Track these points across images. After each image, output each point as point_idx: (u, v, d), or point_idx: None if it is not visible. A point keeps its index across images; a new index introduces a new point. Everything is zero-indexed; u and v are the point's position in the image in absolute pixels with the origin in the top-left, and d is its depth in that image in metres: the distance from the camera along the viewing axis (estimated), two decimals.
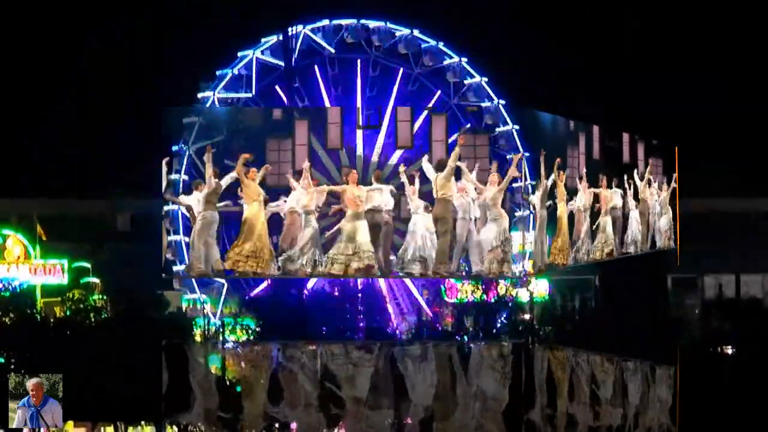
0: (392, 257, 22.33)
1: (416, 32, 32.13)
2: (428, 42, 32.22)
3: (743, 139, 39.77)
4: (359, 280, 30.77)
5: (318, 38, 32.16)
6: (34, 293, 33.90)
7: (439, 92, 32.65)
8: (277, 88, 32.50)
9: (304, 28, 31.90)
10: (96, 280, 35.06)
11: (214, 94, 31.33)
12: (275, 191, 23.47)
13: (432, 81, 32.67)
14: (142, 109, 36.65)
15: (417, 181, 21.66)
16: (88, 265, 35.87)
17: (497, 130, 31.90)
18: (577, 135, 27.50)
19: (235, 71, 31.69)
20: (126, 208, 41.50)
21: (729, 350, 25.83)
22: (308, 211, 21.74)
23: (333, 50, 32.24)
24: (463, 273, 24.19)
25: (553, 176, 23.21)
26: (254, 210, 21.03)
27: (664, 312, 31.89)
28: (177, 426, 13.68)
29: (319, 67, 32.67)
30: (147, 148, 33.97)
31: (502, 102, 31.51)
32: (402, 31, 32.12)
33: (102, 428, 13.74)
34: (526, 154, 31.26)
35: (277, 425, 13.99)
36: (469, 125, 31.72)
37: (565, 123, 27.37)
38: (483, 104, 31.67)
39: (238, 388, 16.92)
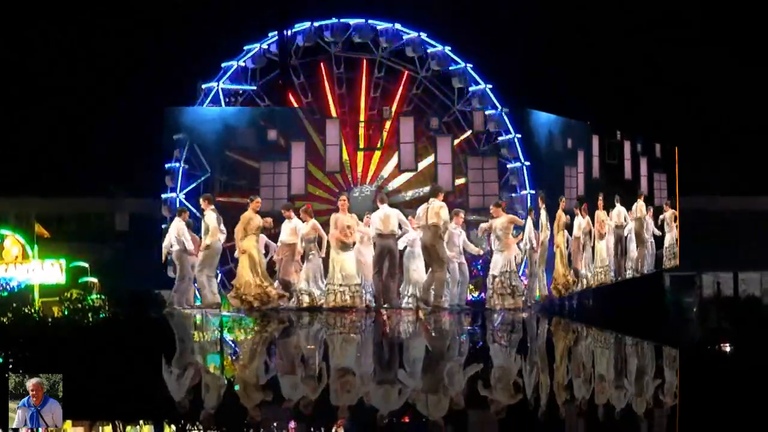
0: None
1: (423, 36, 32.03)
2: (435, 46, 32.13)
3: (742, 137, 39.85)
4: None
5: (325, 36, 32.07)
6: (32, 293, 33.90)
7: (443, 96, 32.51)
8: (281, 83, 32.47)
9: (311, 24, 31.82)
10: (94, 280, 35.09)
11: (218, 85, 31.22)
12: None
13: (437, 86, 32.52)
14: (141, 108, 36.67)
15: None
16: (86, 265, 35.90)
17: (500, 138, 31.71)
18: (575, 152, 26.98)
19: (241, 63, 31.57)
20: (124, 207, 41.59)
21: (727, 348, 25.78)
22: (309, 241, 21.59)
23: (340, 48, 32.17)
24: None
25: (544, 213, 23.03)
26: (253, 243, 20.96)
27: (661, 311, 31.89)
28: (176, 426, 13.66)
29: (325, 64, 32.58)
30: (146, 146, 34.01)
31: (506, 110, 31.36)
32: (410, 34, 32.05)
33: (101, 428, 13.72)
34: (527, 163, 31.13)
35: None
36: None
37: (562, 139, 26.93)
38: (487, 111, 31.52)
39: (237, 387, 16.86)
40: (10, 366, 16.97)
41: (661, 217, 28.58)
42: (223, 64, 31.65)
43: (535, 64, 39.04)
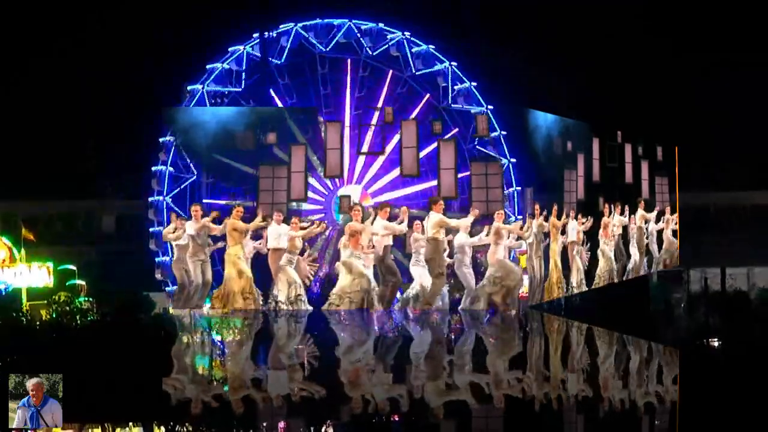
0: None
1: (407, 35, 32.11)
2: (419, 45, 32.21)
3: (731, 134, 39.99)
4: None
5: (310, 36, 32.11)
6: (19, 296, 33.71)
7: (428, 96, 32.55)
8: (271, 91, 32.52)
9: (295, 25, 31.86)
10: (82, 283, 34.93)
11: (203, 88, 31.22)
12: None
13: (421, 84, 32.60)
14: (128, 110, 36.60)
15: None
16: (74, 268, 35.73)
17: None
18: (575, 155, 26.65)
19: (225, 65, 31.56)
20: (111, 209, 41.45)
21: (715, 343, 25.90)
22: (292, 250, 21.65)
23: (324, 49, 32.21)
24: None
25: (538, 218, 23.02)
26: (239, 248, 21.03)
27: (650, 307, 32.02)
28: (165, 426, 13.66)
29: (310, 65, 32.60)
30: (132, 149, 33.95)
31: (491, 107, 31.46)
32: (394, 34, 32.13)
33: (100, 429, 13.70)
34: (513, 160, 31.18)
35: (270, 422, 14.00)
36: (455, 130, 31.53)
37: (561, 141, 26.64)
38: (473, 110, 31.53)
39: (226, 388, 16.88)
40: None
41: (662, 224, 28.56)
42: (207, 66, 31.68)
43: (534, 63, 39.05)
